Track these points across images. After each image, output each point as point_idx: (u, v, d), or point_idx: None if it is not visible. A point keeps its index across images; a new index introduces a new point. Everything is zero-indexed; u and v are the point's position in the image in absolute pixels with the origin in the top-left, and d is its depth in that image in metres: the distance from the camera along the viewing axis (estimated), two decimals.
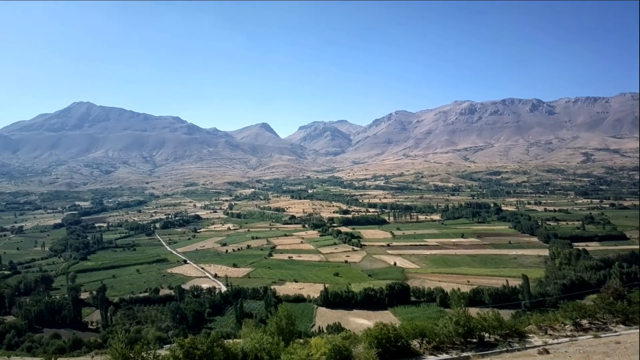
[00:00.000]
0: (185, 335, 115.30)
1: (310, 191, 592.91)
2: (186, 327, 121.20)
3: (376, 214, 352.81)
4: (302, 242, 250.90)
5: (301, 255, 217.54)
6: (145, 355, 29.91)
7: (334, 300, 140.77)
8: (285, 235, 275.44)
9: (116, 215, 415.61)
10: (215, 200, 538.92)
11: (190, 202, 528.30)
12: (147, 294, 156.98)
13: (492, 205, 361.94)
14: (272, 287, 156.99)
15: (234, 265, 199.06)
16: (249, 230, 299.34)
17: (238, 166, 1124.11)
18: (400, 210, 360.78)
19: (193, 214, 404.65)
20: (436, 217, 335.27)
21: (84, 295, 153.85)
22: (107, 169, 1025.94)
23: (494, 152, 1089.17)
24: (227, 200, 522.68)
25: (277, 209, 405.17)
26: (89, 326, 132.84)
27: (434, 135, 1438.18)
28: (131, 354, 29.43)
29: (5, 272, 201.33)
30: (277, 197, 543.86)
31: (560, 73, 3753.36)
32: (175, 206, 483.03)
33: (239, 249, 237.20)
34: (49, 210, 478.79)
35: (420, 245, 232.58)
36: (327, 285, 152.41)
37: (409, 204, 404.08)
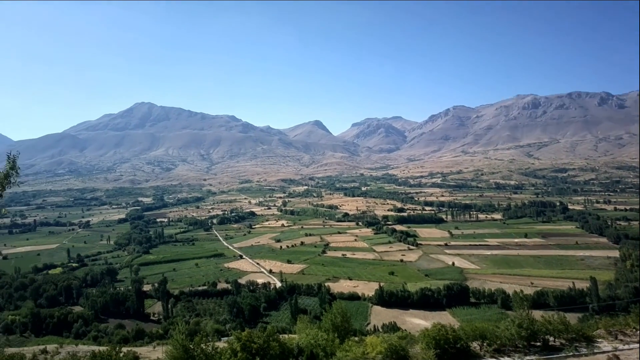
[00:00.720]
0: (242, 328, 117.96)
1: (363, 188, 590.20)
2: (243, 321, 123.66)
3: (433, 212, 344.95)
4: (355, 240, 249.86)
5: (355, 253, 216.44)
6: (204, 347, 30.79)
7: (389, 299, 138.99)
8: (339, 233, 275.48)
9: (176, 211, 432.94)
10: (269, 197, 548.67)
11: (245, 198, 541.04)
12: (205, 287, 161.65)
13: (557, 204, 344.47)
14: (326, 284, 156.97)
15: (288, 262, 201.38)
16: (302, 227, 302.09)
17: (291, 164, 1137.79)
18: (459, 208, 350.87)
19: (248, 210, 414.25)
20: (497, 216, 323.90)
21: (146, 288, 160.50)
22: (167, 166, 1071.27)
23: (560, 148, 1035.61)
24: (280, 197, 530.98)
25: (330, 207, 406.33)
26: (151, 317, 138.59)
27: (495, 131, 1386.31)
28: (191, 345, 30.41)
29: (74, 265, 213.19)
30: (330, 194, 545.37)
31: (631, 64, 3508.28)
32: (231, 202, 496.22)
33: (292, 246, 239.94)
34: (113, 206, 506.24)
35: (480, 245, 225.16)
36: (382, 284, 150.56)
37: (467, 202, 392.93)
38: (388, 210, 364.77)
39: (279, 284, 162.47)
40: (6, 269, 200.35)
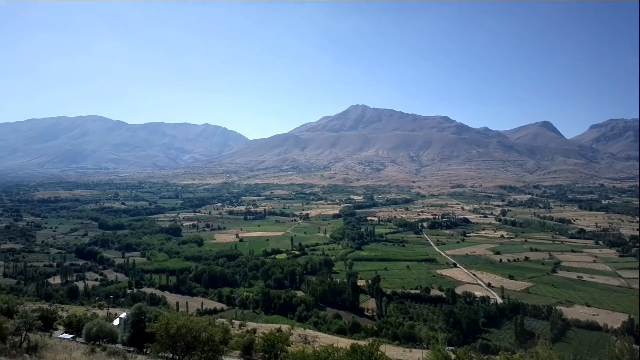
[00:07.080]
0: (460, 341, 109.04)
1: (604, 202, 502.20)
2: (460, 333, 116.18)
3: None
4: (594, 262, 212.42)
5: (594, 276, 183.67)
6: None
7: None
8: (572, 251, 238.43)
9: (385, 211, 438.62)
10: (485, 204, 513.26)
11: (457, 204, 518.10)
12: (417, 291, 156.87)
13: None
14: (557, 307, 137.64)
15: (510, 277, 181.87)
16: (526, 241, 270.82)
17: (511, 169, 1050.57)
18: None
19: (461, 216, 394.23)
20: None
21: (359, 283, 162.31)
22: (377, 167, 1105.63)
23: None
24: (498, 206, 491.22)
25: (561, 220, 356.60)
26: (365, 312, 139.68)
27: None
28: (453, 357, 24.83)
29: (296, 252, 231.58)
30: (561, 206, 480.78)
31: None
32: (441, 207, 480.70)
33: (515, 260, 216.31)
34: (328, 202, 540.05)
35: None
36: (632, 316, 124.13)
37: None
38: (638, 229, 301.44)
39: (499, 300, 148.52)
40: (242, 250, 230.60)
